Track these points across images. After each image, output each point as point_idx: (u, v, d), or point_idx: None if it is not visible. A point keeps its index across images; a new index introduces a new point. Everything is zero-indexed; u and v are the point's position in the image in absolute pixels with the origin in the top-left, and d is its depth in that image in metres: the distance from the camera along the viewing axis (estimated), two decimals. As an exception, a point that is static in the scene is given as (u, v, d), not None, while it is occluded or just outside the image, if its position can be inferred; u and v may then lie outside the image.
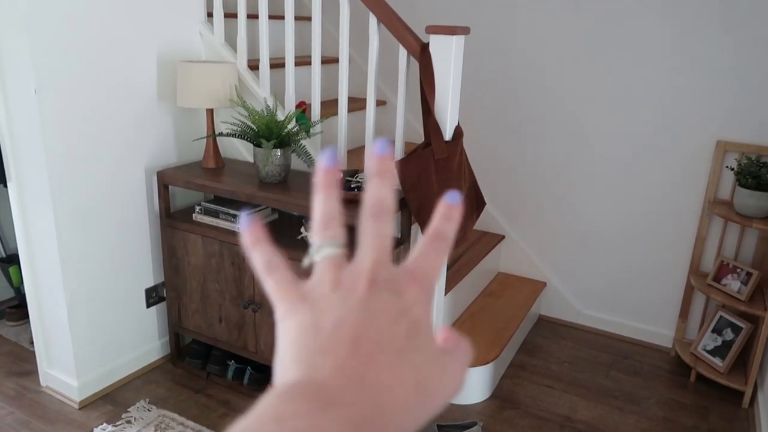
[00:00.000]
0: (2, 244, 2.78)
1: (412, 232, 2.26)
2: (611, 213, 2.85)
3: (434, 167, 1.98)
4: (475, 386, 2.35)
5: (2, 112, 2.00)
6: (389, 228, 0.33)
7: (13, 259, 2.77)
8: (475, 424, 2.15)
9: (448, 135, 2.04)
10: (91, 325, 2.23)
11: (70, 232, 2.08)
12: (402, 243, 2.16)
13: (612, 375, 2.63)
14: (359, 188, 2.00)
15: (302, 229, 2.10)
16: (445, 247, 0.34)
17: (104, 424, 2.14)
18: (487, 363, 2.33)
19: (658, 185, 2.71)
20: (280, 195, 2.05)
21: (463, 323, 2.60)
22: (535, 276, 3.10)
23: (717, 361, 2.53)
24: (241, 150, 2.50)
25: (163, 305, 2.52)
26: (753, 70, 2.42)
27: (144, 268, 2.39)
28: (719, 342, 2.56)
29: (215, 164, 2.36)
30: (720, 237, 2.62)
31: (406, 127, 3.19)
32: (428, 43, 1.99)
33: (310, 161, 2.19)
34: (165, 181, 2.28)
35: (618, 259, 2.88)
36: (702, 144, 2.58)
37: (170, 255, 2.36)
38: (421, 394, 0.29)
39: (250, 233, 0.35)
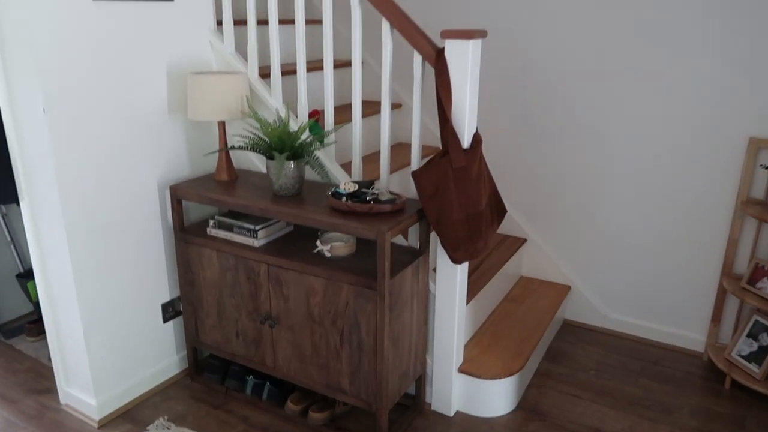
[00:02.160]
0: (20, 259, 2.78)
1: (431, 242, 2.19)
2: (638, 213, 2.75)
3: (453, 176, 1.91)
4: (500, 398, 2.28)
5: (12, 132, 1.97)
6: None
7: (30, 274, 2.76)
8: (500, 439, 2.08)
9: (466, 143, 1.96)
10: (108, 342, 2.21)
11: (83, 249, 2.05)
12: (421, 254, 2.10)
13: (642, 382, 2.54)
14: (375, 200, 1.94)
15: (317, 242, 2.05)
16: None
17: (123, 444, 2.12)
18: (512, 374, 2.26)
19: (688, 185, 2.60)
20: (294, 209, 1.99)
21: (485, 332, 2.53)
22: (558, 280, 3.01)
23: (753, 367, 2.42)
24: (254, 160, 2.45)
25: (179, 320, 2.49)
26: (786, 63, 2.30)
27: (159, 283, 2.36)
28: (755, 347, 2.45)
29: (228, 177, 2.31)
30: (754, 238, 2.51)
31: (423, 129, 3.12)
32: (443, 48, 1.91)
33: (324, 173, 2.13)
34: (178, 195, 2.24)
35: (645, 261, 2.78)
36: (733, 142, 2.46)
37: (185, 270, 2.32)
38: None
39: None
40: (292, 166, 2.04)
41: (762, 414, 2.34)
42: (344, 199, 1.95)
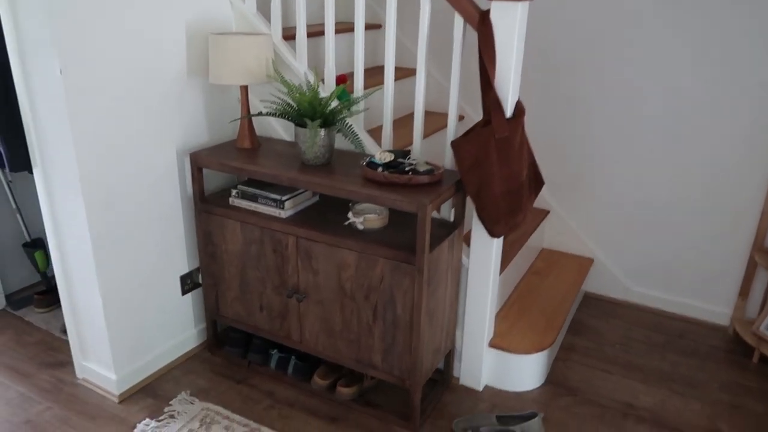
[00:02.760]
0: (26, 228, 2.66)
1: (466, 215, 2.11)
2: (664, 184, 2.68)
3: (495, 147, 1.82)
4: (529, 372, 2.24)
5: (24, 96, 1.84)
6: None
7: (37, 244, 2.65)
8: (535, 415, 2.04)
9: (509, 111, 1.86)
10: (127, 315, 2.12)
11: (101, 219, 1.95)
12: (455, 227, 2.02)
13: (668, 356, 2.51)
14: (413, 171, 1.84)
15: (349, 214, 1.96)
16: None
17: (147, 420, 2.05)
18: (543, 350, 2.21)
19: (718, 154, 2.53)
20: (326, 179, 1.89)
21: (512, 306, 2.48)
22: (581, 252, 2.95)
23: (782, 343, 2.40)
24: (276, 128, 2.34)
25: (197, 292, 2.40)
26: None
27: (178, 254, 2.27)
28: (784, 322, 2.42)
29: (251, 144, 2.20)
30: (788, 211, 2.45)
31: (439, 94, 3.00)
32: (488, 10, 1.79)
33: (358, 142, 2.03)
34: (198, 163, 2.13)
35: (671, 234, 2.73)
36: (772, 112, 2.38)
37: (206, 241, 2.23)
38: None
39: None
40: (323, 134, 1.93)
41: (792, 389, 2.32)
42: (380, 169, 1.85)
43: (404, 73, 2.80)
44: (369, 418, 2.09)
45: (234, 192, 2.14)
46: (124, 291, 2.09)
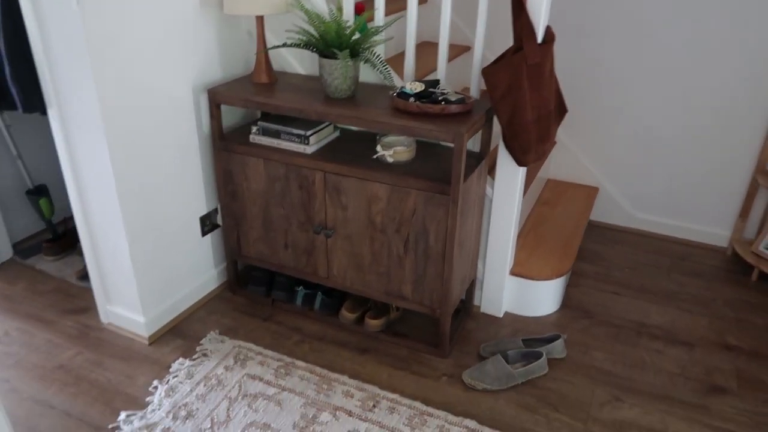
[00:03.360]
0: (28, 175, 2.57)
1: (492, 144, 2.11)
2: (670, 112, 2.72)
3: (526, 73, 1.81)
4: (547, 298, 2.32)
5: (35, 30, 1.73)
6: None
7: (41, 190, 2.57)
8: (558, 336, 2.13)
9: (540, 37, 1.84)
10: (152, 257, 2.10)
11: (123, 161, 1.89)
12: (482, 159, 2.03)
13: (674, 278, 2.62)
14: (446, 100, 1.83)
15: (378, 147, 1.94)
16: None
17: (181, 359, 2.07)
18: (561, 275, 2.29)
19: (723, 80, 2.57)
20: (355, 111, 1.86)
21: (527, 236, 2.53)
22: (586, 181, 3.01)
23: (781, 260, 2.52)
24: (291, 61, 2.27)
25: (217, 233, 2.38)
26: None
27: (197, 195, 2.23)
28: (783, 241, 2.54)
29: (268, 79, 2.14)
30: (791, 134, 2.53)
31: (452, 28, 2.94)
32: (521, -71, 1.74)
33: (387, 73, 1.99)
34: (217, 100, 2.07)
35: (675, 161, 2.80)
36: (781, 35, 2.41)
37: (226, 181, 2.19)
38: None
39: None
40: (350, 65, 1.89)
41: (791, 302, 2.46)
42: (412, 99, 1.83)
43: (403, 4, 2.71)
44: (398, 348, 2.15)
45: (254, 129, 2.09)
46: (148, 233, 2.05)
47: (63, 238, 2.63)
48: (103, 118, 1.78)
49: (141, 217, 2.01)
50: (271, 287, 2.37)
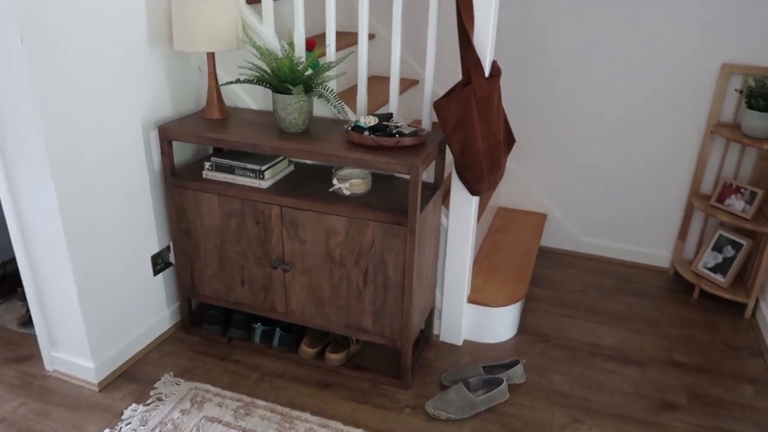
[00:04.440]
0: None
1: (445, 175, 2.16)
2: (610, 140, 2.86)
3: (476, 106, 1.87)
4: (505, 324, 2.36)
5: (-23, 67, 1.68)
6: None
7: (-22, 234, 2.45)
8: (517, 362, 2.16)
9: (487, 71, 1.92)
10: (101, 299, 2.02)
11: (71, 200, 1.83)
12: (436, 190, 2.07)
13: (622, 299, 2.72)
14: (400, 133, 1.86)
15: (334, 180, 1.96)
16: None
17: (134, 405, 1.98)
18: (518, 301, 2.33)
19: (659, 110, 2.73)
20: (310, 145, 1.87)
21: (482, 263, 2.58)
22: (535, 208, 3.10)
23: (719, 278, 2.66)
24: (243, 97, 2.27)
25: (169, 271, 2.32)
26: (759, -9, 2.43)
27: (148, 233, 2.17)
28: (720, 259, 2.68)
29: (221, 115, 2.13)
30: (721, 159, 2.69)
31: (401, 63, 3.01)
32: (466, -30, 1.82)
33: (340, 107, 2.02)
34: (168, 136, 2.04)
35: (616, 186, 2.93)
36: (706, 67, 2.59)
37: (179, 218, 2.15)
38: None
39: None
40: (304, 100, 1.90)
41: (730, 318, 2.59)
42: (366, 133, 1.86)
43: (352, 40, 2.77)
44: (360, 381, 2.13)
45: (208, 165, 2.07)
46: (96, 274, 1.98)
47: (2, 283, 2.50)
48: (49, 157, 1.72)
49: (89, 258, 1.94)
50: (227, 325, 2.32)
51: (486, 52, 1.89)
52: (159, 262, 2.26)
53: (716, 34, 2.53)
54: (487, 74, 1.92)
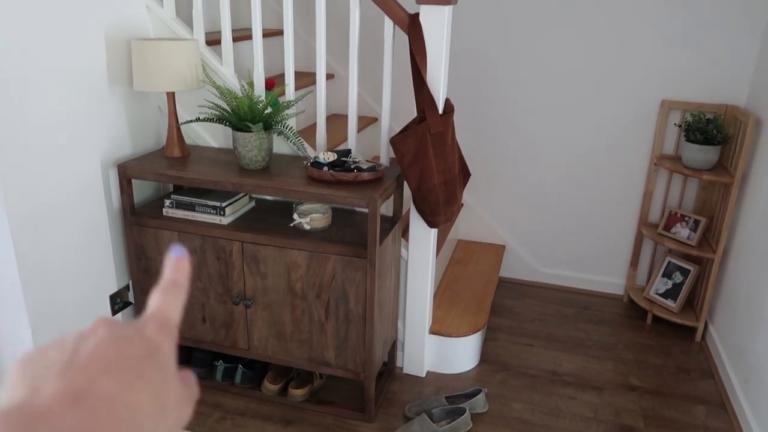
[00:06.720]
0: None
1: (404, 209, 2.22)
2: (562, 174, 2.98)
3: (431, 142, 1.95)
4: (467, 354, 2.40)
5: (-69, 108, 1.67)
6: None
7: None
8: (480, 391, 2.19)
9: (441, 108, 2.00)
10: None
11: (26, 241, 1.81)
12: (395, 223, 2.12)
13: (579, 326, 2.79)
14: (359, 168, 1.92)
15: (295, 215, 1.99)
16: (181, 293, 0.39)
17: (90, 450, 1.93)
18: (478, 331, 2.38)
19: (606, 145, 2.87)
20: (270, 181, 1.91)
21: (443, 294, 2.62)
22: (494, 240, 3.18)
23: (670, 303, 2.76)
24: (203, 135, 2.30)
25: (128, 311, 2.29)
26: (694, 35, 2.61)
27: (106, 272, 2.15)
28: (669, 285, 2.80)
29: (181, 153, 2.15)
30: (665, 190, 2.83)
31: (359, 101, 3.10)
32: (418, 13, 1.92)
33: (300, 144, 2.06)
34: (128, 174, 2.05)
35: (571, 217, 3.04)
36: (647, 104, 2.75)
37: (138, 256, 2.14)
38: (158, 407, 0.31)
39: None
40: (264, 138, 1.95)
41: (682, 341, 2.68)
42: (326, 168, 1.91)
43: (311, 79, 2.85)
44: (324, 416, 2.13)
45: (168, 202, 2.08)
46: (52, 316, 1.95)
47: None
48: (4, 197, 1.71)
49: (45, 300, 1.91)
50: (188, 363, 2.29)
51: (439, 90, 1.97)
52: (118, 302, 2.23)
53: (656, 71, 2.69)
54: (440, 111, 2.00)
